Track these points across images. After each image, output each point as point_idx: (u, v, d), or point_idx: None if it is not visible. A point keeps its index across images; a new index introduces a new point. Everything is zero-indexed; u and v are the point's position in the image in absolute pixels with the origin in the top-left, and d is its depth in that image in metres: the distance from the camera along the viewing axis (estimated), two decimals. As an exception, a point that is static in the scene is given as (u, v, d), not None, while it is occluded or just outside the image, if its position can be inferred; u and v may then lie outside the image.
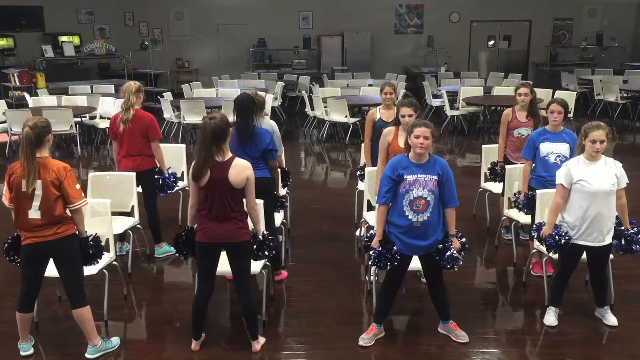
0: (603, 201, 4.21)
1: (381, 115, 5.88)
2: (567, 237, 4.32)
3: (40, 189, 3.80)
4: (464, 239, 4.22)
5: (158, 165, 5.70)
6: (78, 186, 3.91)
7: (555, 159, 5.09)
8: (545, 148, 5.14)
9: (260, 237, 4.21)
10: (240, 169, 3.94)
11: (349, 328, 4.54)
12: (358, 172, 6.32)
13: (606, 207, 4.24)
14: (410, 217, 4.00)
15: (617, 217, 4.37)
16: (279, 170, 5.27)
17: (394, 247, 4.08)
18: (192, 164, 3.96)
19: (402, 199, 4.00)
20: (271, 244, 4.26)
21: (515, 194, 5.40)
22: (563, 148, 5.12)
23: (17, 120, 9.58)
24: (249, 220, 4.15)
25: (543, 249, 4.78)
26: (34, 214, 3.84)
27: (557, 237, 4.32)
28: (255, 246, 4.19)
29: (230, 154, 3.98)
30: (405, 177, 3.98)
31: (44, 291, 4.44)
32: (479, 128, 12.18)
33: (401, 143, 4.79)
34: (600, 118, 10.89)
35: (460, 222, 6.57)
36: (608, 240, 4.33)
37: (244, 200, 4.07)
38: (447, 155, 10.13)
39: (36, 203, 3.82)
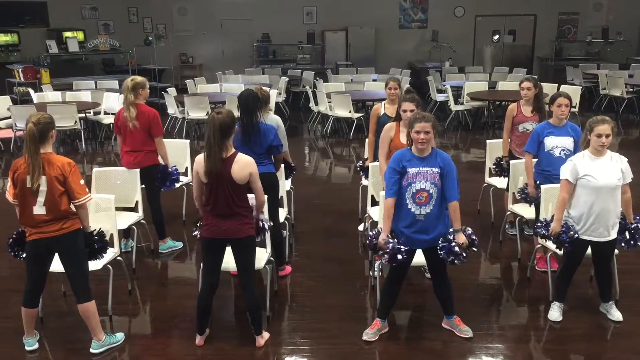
0: (608, 196, 4.20)
1: (386, 110, 5.86)
2: (575, 231, 4.30)
3: (45, 184, 3.81)
4: (474, 237, 4.14)
5: (161, 161, 5.71)
6: (82, 182, 3.92)
7: (560, 153, 5.07)
8: (550, 142, 5.12)
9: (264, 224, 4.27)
10: (243, 165, 3.94)
11: (353, 323, 4.54)
12: (358, 166, 6.28)
13: (611, 202, 4.22)
14: (412, 209, 4.00)
15: (621, 212, 4.35)
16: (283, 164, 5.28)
17: (401, 240, 4.06)
18: (200, 158, 3.94)
19: (404, 192, 4.00)
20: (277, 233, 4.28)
21: (521, 189, 5.36)
22: (567, 142, 5.10)
23: (22, 116, 9.59)
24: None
25: (549, 244, 4.76)
26: (39, 209, 3.85)
27: (570, 233, 4.29)
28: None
29: (233, 150, 3.98)
30: (407, 169, 3.99)
31: (49, 286, 4.46)
32: (484, 123, 12.14)
33: (402, 139, 4.79)
34: (606, 113, 10.85)
35: (464, 217, 6.55)
36: (613, 235, 4.32)
37: (248, 195, 4.08)
38: (451, 151, 10.11)
39: (41, 199, 3.83)
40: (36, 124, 3.77)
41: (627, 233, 4.37)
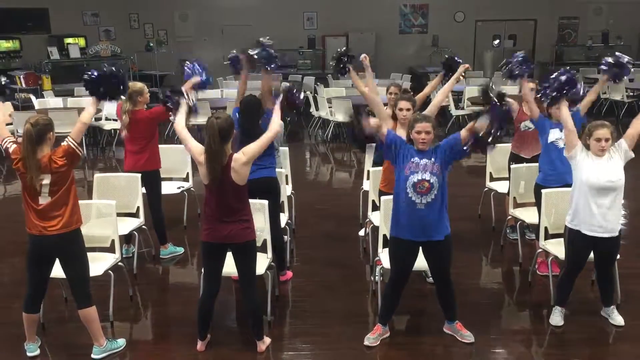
0: (610, 196, 4.18)
1: (386, 115, 5.87)
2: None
3: (48, 178, 3.82)
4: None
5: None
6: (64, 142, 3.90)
7: (564, 145, 5.09)
8: (553, 135, 5.15)
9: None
10: (237, 160, 3.93)
11: (354, 328, 4.54)
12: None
13: (612, 202, 4.20)
14: (413, 198, 3.98)
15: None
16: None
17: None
18: (202, 161, 3.95)
19: (405, 181, 3.99)
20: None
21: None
22: None
23: (23, 122, 9.57)
24: (254, 219, 4.17)
25: (549, 248, 4.77)
26: (44, 199, 3.86)
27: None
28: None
29: (230, 152, 3.98)
30: (411, 159, 3.99)
31: (50, 292, 4.46)
32: (484, 128, 12.12)
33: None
34: (606, 117, 10.85)
35: (465, 222, 6.59)
36: (615, 232, 4.29)
37: (249, 200, 4.10)
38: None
39: (45, 190, 3.85)
40: (34, 125, 3.81)
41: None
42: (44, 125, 3.84)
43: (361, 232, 6.31)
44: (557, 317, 4.56)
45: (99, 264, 4.55)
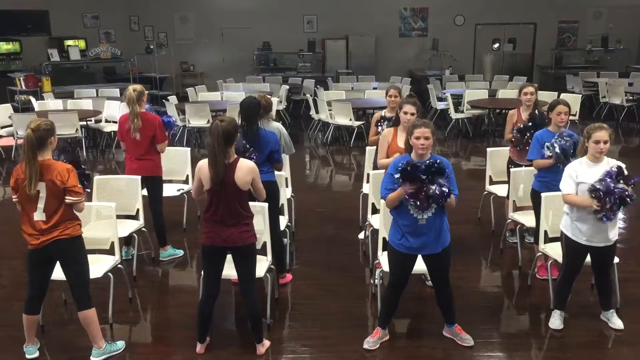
0: None
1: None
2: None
3: (44, 191, 3.81)
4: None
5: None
6: (80, 186, 3.91)
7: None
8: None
9: None
10: (246, 171, 3.96)
11: (354, 331, 4.53)
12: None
13: None
14: (415, 214, 3.98)
15: None
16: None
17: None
18: (202, 164, 3.96)
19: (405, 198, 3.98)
20: None
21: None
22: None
23: (23, 124, 9.60)
24: (255, 222, 4.18)
25: (548, 252, 4.77)
26: (39, 215, 3.85)
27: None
28: None
29: (235, 156, 4.00)
30: None
31: (50, 294, 4.46)
32: (484, 131, 12.16)
33: (400, 143, 4.80)
34: (606, 121, 10.86)
35: (465, 226, 6.58)
36: (612, 240, 4.30)
37: (249, 202, 4.10)
38: (452, 158, 10.11)
39: (40, 205, 3.83)
40: (35, 131, 3.77)
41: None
42: (45, 131, 3.81)
43: (361, 235, 6.31)
44: (556, 321, 4.56)
45: (98, 266, 4.54)
